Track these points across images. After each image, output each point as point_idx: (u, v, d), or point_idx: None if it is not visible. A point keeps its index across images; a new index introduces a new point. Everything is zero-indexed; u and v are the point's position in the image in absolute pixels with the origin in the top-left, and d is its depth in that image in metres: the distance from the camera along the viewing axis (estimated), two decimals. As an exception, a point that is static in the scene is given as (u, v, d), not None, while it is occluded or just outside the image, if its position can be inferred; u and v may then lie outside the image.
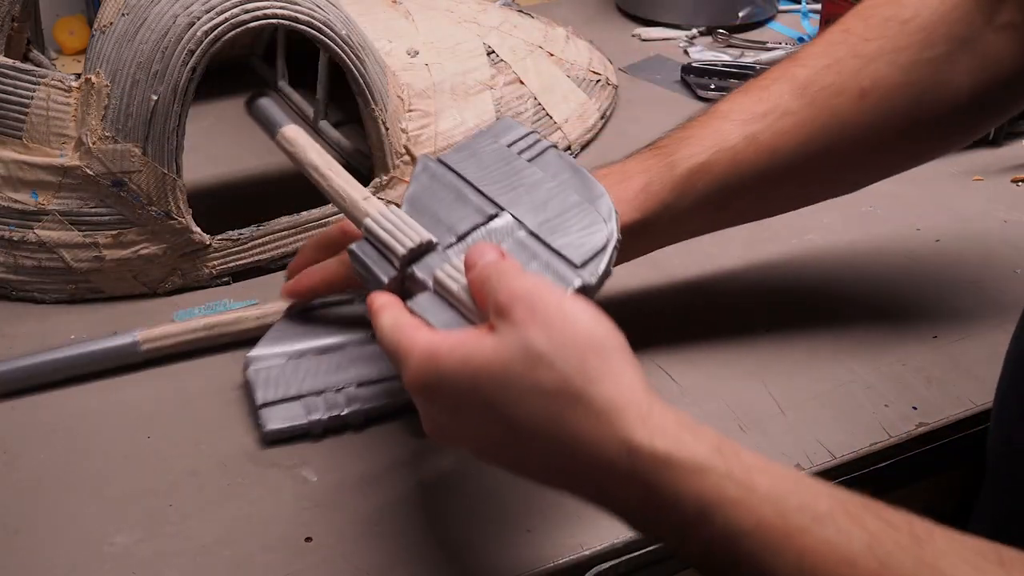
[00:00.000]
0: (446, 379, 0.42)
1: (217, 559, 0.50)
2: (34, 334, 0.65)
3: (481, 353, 0.41)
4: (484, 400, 0.41)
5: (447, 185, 0.56)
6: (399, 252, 0.51)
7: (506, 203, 0.54)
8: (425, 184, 0.56)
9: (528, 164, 0.56)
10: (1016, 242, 0.74)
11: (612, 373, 0.40)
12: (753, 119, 0.58)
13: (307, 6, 0.67)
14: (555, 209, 0.54)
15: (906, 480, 0.59)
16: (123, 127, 0.64)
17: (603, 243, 0.52)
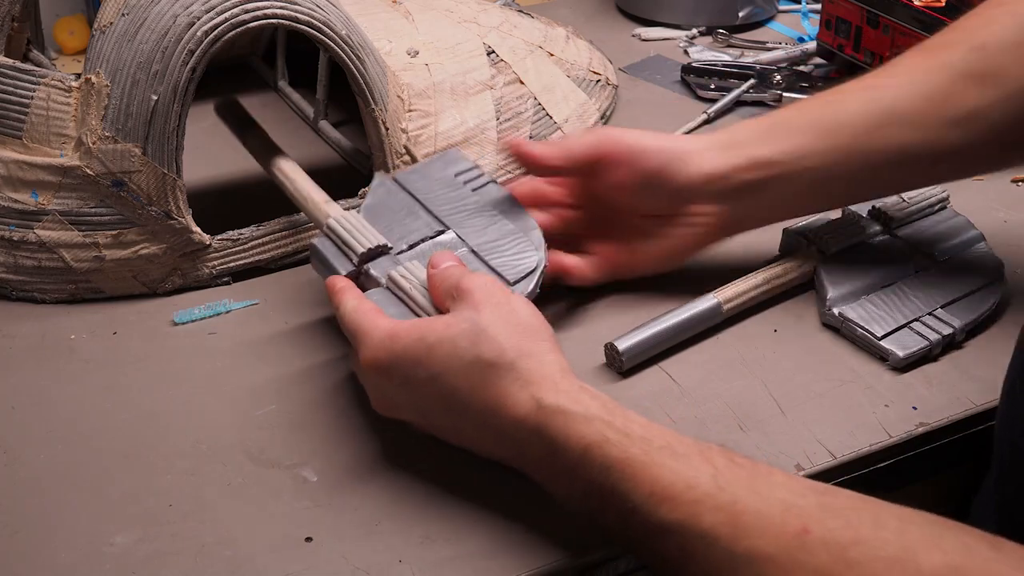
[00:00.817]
0: (402, 355, 0.51)
1: (217, 559, 0.50)
2: (34, 334, 0.65)
3: (434, 331, 0.51)
4: (432, 372, 0.50)
5: (400, 201, 0.64)
6: (358, 250, 0.59)
7: (452, 223, 0.63)
8: (381, 198, 0.65)
9: (472, 192, 0.65)
10: (1016, 242, 0.74)
11: (539, 353, 0.50)
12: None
13: (307, 6, 0.67)
14: (493, 234, 0.62)
15: (906, 480, 0.59)
16: (123, 127, 0.64)
17: (533, 266, 0.60)
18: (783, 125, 0.63)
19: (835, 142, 0.62)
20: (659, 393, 0.60)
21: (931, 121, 0.60)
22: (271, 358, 0.63)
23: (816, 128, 0.62)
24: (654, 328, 0.62)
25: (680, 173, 0.62)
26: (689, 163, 0.62)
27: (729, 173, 0.63)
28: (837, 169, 0.62)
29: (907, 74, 0.61)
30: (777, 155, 0.62)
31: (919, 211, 0.73)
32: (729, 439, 0.57)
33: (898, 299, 0.65)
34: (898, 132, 0.61)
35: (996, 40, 0.59)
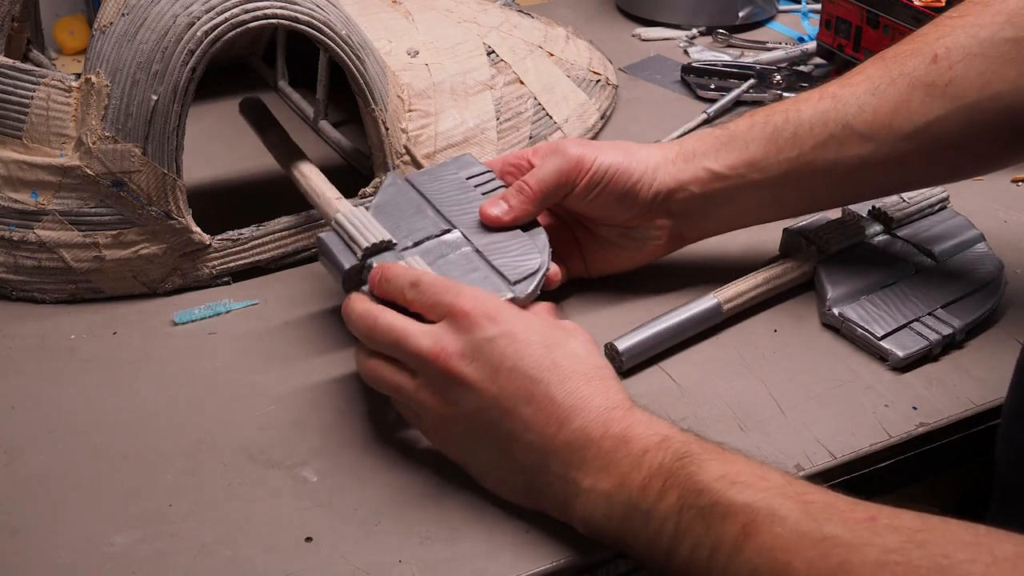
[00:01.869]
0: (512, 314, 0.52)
1: (217, 559, 0.50)
2: (34, 334, 0.65)
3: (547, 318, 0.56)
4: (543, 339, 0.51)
5: (410, 200, 0.65)
6: (362, 244, 0.59)
7: (458, 223, 0.63)
8: (391, 196, 0.65)
9: (482, 196, 0.65)
10: (1016, 242, 0.74)
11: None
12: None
13: (307, 6, 0.67)
14: (499, 236, 0.63)
15: (906, 480, 0.59)
16: (123, 127, 0.64)
17: (535, 268, 0.60)
18: (740, 138, 0.64)
19: (788, 154, 0.62)
20: (659, 393, 0.60)
21: (884, 134, 0.60)
22: (271, 358, 0.63)
23: (771, 140, 0.63)
24: (654, 328, 0.62)
25: (645, 189, 0.64)
26: (655, 177, 0.64)
27: (684, 185, 0.64)
28: (789, 181, 0.63)
29: (864, 84, 0.62)
30: (729, 168, 0.63)
31: (919, 211, 0.73)
32: (729, 439, 0.57)
33: (898, 299, 0.65)
34: (852, 145, 0.61)
35: (951, 52, 0.59)
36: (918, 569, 0.38)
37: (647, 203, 0.64)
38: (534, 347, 0.50)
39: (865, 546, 0.39)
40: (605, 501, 0.47)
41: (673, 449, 0.46)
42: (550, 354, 0.50)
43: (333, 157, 0.86)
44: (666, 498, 0.45)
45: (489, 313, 0.51)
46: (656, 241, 0.66)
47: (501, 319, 0.51)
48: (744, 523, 0.42)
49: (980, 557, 0.37)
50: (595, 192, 0.63)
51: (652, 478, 0.46)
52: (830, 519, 0.41)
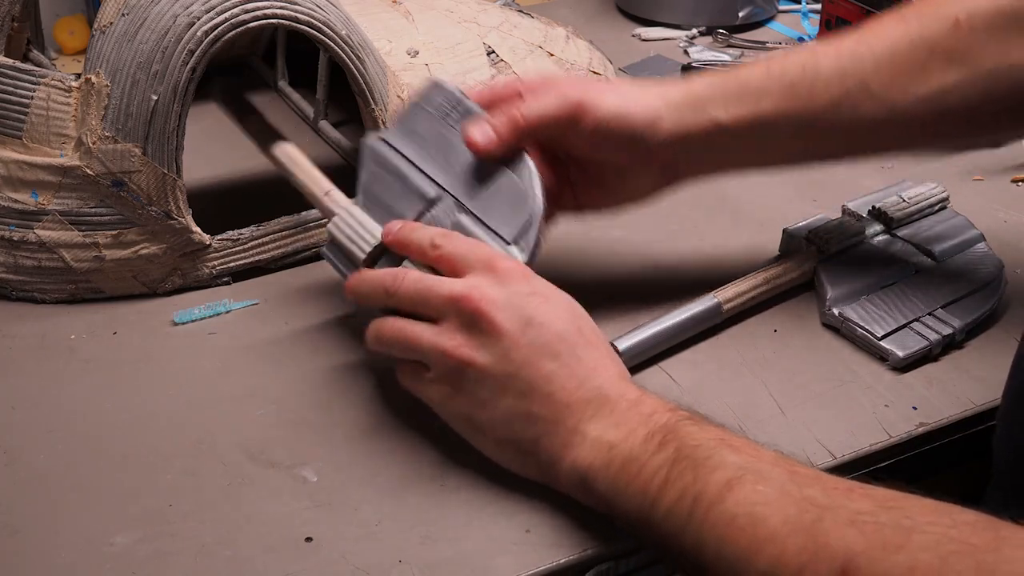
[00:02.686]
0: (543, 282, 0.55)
1: (217, 559, 0.50)
2: (34, 334, 0.65)
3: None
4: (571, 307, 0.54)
5: (392, 170, 0.61)
6: (359, 257, 0.59)
7: (444, 182, 0.60)
8: (374, 171, 0.62)
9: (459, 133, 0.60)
10: (1016, 242, 0.74)
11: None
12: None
13: (307, 6, 0.67)
14: (485, 182, 0.59)
15: (906, 480, 0.59)
16: (123, 127, 0.64)
17: (528, 217, 0.57)
18: (752, 88, 0.61)
19: (801, 111, 0.61)
20: (659, 393, 0.60)
21: (900, 97, 0.60)
22: (271, 358, 0.63)
23: (785, 96, 0.61)
24: (654, 328, 0.62)
25: (649, 138, 0.61)
26: (658, 128, 0.61)
27: (688, 136, 0.61)
28: (798, 136, 0.62)
29: (883, 43, 0.61)
30: (737, 122, 0.61)
31: (919, 211, 0.73)
32: (729, 439, 0.57)
33: (898, 299, 0.65)
34: (867, 105, 0.60)
35: (972, 18, 0.59)
36: (883, 526, 0.40)
37: (648, 152, 0.61)
38: (564, 311, 0.53)
39: (839, 507, 0.42)
40: (607, 451, 0.49)
41: (679, 414, 0.49)
42: (576, 322, 0.53)
43: (333, 157, 0.86)
44: (664, 450, 0.47)
45: (525, 273, 0.54)
46: (652, 183, 0.64)
47: (535, 281, 0.54)
48: (731, 477, 0.44)
49: (941, 520, 0.40)
50: (589, 138, 0.60)
51: (654, 433, 0.48)
52: (811, 485, 0.44)
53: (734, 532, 0.43)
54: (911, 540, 0.39)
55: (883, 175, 0.84)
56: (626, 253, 0.73)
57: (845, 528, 0.41)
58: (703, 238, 0.75)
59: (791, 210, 0.76)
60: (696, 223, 0.77)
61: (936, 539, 0.39)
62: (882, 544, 0.39)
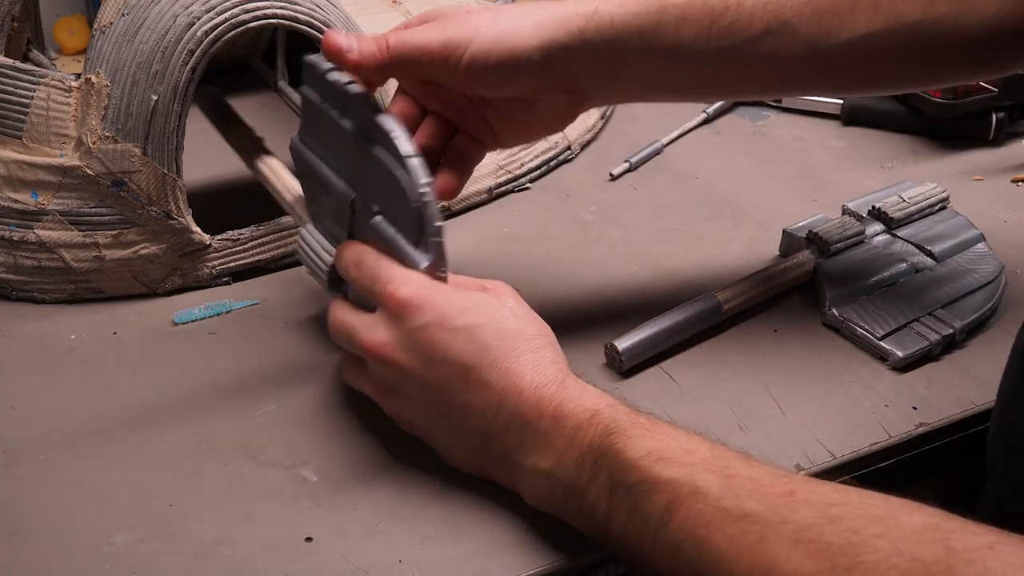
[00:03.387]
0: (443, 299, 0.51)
1: (217, 559, 0.50)
2: (34, 334, 0.65)
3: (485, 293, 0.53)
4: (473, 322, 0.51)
5: (313, 175, 0.59)
6: (323, 280, 0.59)
7: (355, 185, 0.56)
8: (304, 181, 0.61)
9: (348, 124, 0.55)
10: (1016, 242, 0.74)
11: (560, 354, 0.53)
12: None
13: (307, 6, 0.67)
14: (381, 178, 0.52)
15: (906, 480, 0.59)
16: (123, 127, 0.64)
17: (415, 214, 0.51)
18: (673, 13, 0.56)
19: (720, 44, 0.56)
20: (659, 393, 0.60)
21: (822, 39, 0.57)
22: (271, 358, 0.63)
23: (707, 24, 0.56)
24: (654, 328, 0.62)
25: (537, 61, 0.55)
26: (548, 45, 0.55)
27: (588, 54, 0.56)
28: (713, 68, 0.58)
29: None
30: (651, 48, 0.56)
31: (919, 211, 0.73)
32: (729, 439, 0.57)
33: (898, 299, 0.65)
34: (787, 44, 0.57)
35: None
36: (830, 546, 0.39)
37: (541, 76, 0.56)
38: (462, 333, 0.51)
39: (782, 523, 0.41)
40: (547, 480, 0.49)
41: (603, 425, 0.47)
42: (479, 336, 0.50)
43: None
44: (598, 477, 0.47)
45: (417, 301, 0.51)
46: (561, 107, 0.59)
47: (429, 304, 0.51)
48: (668, 500, 0.44)
49: (888, 531, 0.39)
50: (475, 77, 0.55)
51: (584, 456, 0.47)
52: (751, 494, 0.43)
53: (682, 560, 0.43)
54: (860, 561, 0.38)
55: (883, 175, 0.84)
56: (626, 253, 0.73)
57: (791, 550, 0.40)
58: (703, 238, 0.75)
59: (791, 210, 0.76)
60: (696, 223, 0.77)
61: (885, 557, 0.38)
62: (831, 567, 0.39)
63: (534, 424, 0.49)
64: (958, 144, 0.88)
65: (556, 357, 0.52)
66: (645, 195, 0.80)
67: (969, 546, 0.38)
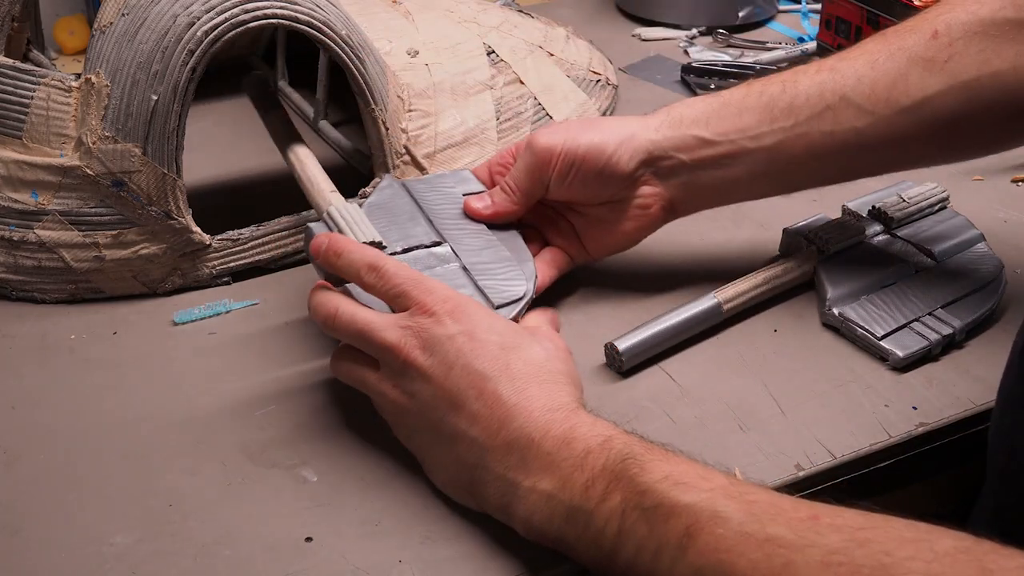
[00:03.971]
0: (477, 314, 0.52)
1: (217, 559, 0.50)
2: (34, 334, 0.65)
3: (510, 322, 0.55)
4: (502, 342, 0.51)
5: (404, 206, 0.65)
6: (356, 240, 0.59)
7: (450, 239, 0.63)
8: (387, 197, 0.66)
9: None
10: (1016, 242, 0.74)
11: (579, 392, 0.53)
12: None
13: (307, 6, 0.67)
14: (488, 257, 0.63)
15: (906, 480, 0.59)
16: (123, 127, 0.64)
17: (520, 295, 0.61)
18: (734, 105, 0.63)
19: (783, 124, 0.61)
20: (659, 393, 0.60)
21: (881, 108, 0.60)
22: (271, 358, 0.63)
23: (766, 109, 0.62)
24: (654, 328, 0.62)
25: (623, 160, 0.63)
26: (632, 146, 0.63)
27: (670, 152, 0.63)
28: (784, 151, 0.62)
29: (863, 57, 0.61)
30: (720, 135, 0.62)
31: (919, 211, 0.73)
32: (729, 439, 0.57)
33: (898, 299, 0.65)
34: (848, 118, 0.61)
35: (951, 28, 0.59)
36: (861, 568, 0.38)
37: (628, 174, 0.63)
38: (490, 347, 0.51)
39: (808, 547, 0.39)
40: (546, 502, 0.47)
41: (616, 450, 0.46)
42: (504, 356, 0.51)
43: (333, 157, 0.86)
44: (609, 499, 0.45)
45: (452, 311, 0.52)
46: (648, 212, 0.65)
47: (464, 318, 0.52)
48: (688, 524, 0.42)
49: (921, 554, 0.37)
50: (571, 177, 0.63)
51: (595, 479, 0.46)
52: (774, 519, 0.41)
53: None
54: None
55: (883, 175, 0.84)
56: (626, 253, 0.73)
57: (819, 573, 0.38)
58: (703, 238, 0.75)
59: (791, 210, 0.76)
60: (696, 223, 0.77)
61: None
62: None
63: (539, 443, 0.48)
64: (958, 144, 0.88)
65: (575, 393, 0.51)
66: (645, 195, 0.80)
67: (1005, 567, 0.36)
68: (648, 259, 0.72)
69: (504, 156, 0.67)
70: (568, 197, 0.65)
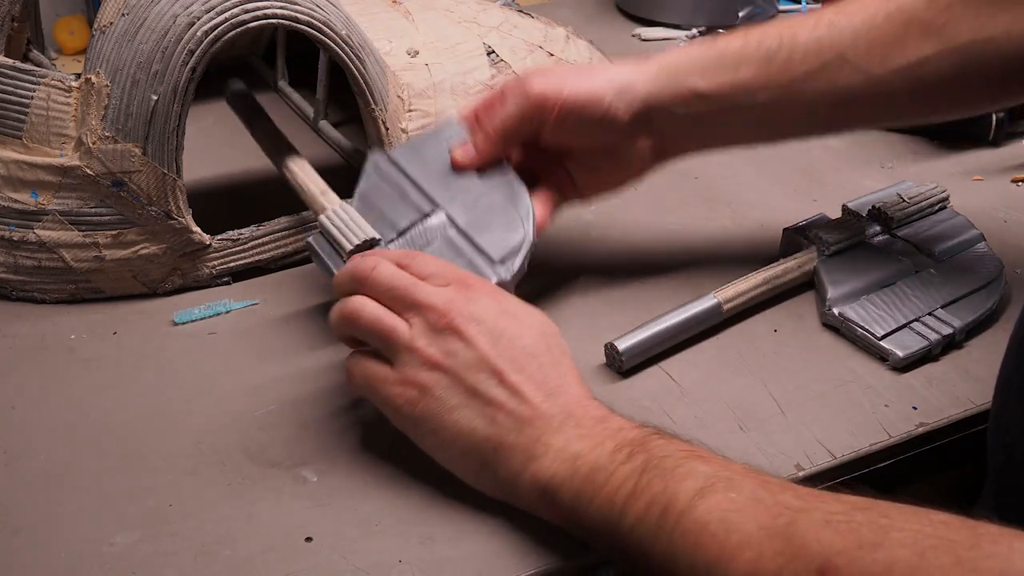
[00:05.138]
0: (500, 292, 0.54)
1: (217, 559, 0.50)
2: (34, 334, 0.65)
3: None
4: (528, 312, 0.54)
5: (392, 183, 0.64)
6: (346, 248, 0.60)
7: (442, 200, 0.62)
8: (374, 182, 0.65)
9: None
10: (1016, 242, 0.74)
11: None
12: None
13: (307, 6, 0.67)
14: (482, 207, 0.62)
15: (906, 480, 0.59)
16: (123, 127, 0.64)
17: (519, 243, 0.60)
18: (731, 56, 0.63)
19: (779, 80, 0.62)
20: (659, 393, 0.60)
21: (876, 67, 0.60)
22: (271, 358, 0.63)
23: (763, 64, 0.62)
24: (654, 328, 0.62)
25: (620, 111, 0.62)
26: (629, 97, 0.62)
27: (666, 105, 0.63)
28: (778, 106, 0.62)
29: (861, 15, 0.61)
30: (716, 90, 0.62)
31: (919, 211, 0.73)
32: (729, 439, 0.57)
33: (898, 299, 0.65)
34: (844, 75, 0.61)
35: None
36: (860, 526, 0.40)
37: (624, 124, 0.63)
38: (534, 329, 0.53)
39: (812, 509, 0.42)
40: (572, 461, 0.48)
41: (647, 431, 0.49)
42: (546, 340, 0.53)
43: (333, 157, 0.86)
44: (632, 461, 0.47)
45: (495, 292, 0.54)
46: (641, 159, 0.66)
47: (506, 300, 0.54)
48: (702, 486, 0.44)
49: (917, 518, 0.40)
50: (565, 125, 0.62)
51: (621, 447, 0.48)
52: (783, 492, 0.43)
53: (707, 539, 0.42)
54: (888, 537, 0.39)
55: (883, 175, 0.84)
56: (626, 253, 0.73)
57: (821, 529, 0.40)
58: (703, 238, 0.75)
59: (791, 210, 0.76)
60: (696, 223, 0.77)
61: (913, 536, 0.39)
62: (859, 543, 0.39)
63: (578, 417, 0.50)
64: (958, 144, 0.88)
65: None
66: (645, 195, 0.80)
67: (995, 531, 0.39)
68: (648, 259, 0.73)
69: (491, 99, 0.64)
70: (560, 143, 0.65)
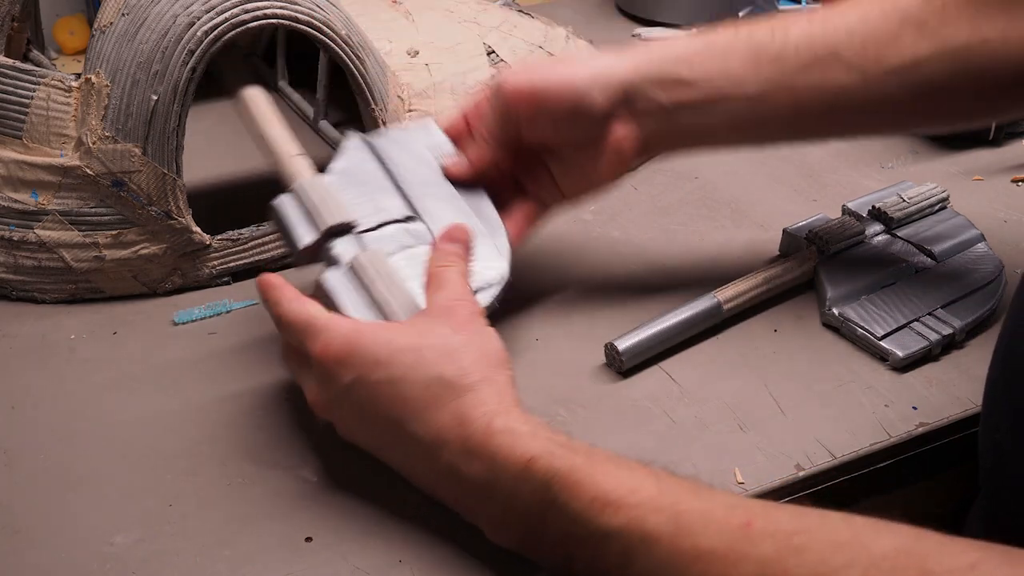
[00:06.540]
0: (364, 351, 0.49)
1: (217, 559, 0.50)
2: (34, 334, 0.65)
3: (404, 336, 0.50)
4: (391, 375, 0.49)
5: (373, 171, 0.62)
6: (326, 223, 0.57)
7: (422, 211, 0.60)
8: (354, 163, 0.62)
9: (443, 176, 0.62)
10: (1016, 242, 0.74)
11: (500, 383, 0.50)
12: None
13: (307, 6, 0.67)
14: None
15: (906, 480, 0.59)
16: (123, 127, 0.64)
17: (495, 279, 0.59)
18: (719, 46, 0.60)
19: (769, 73, 0.59)
20: (659, 393, 0.60)
21: (871, 66, 0.58)
22: (271, 358, 0.63)
23: (754, 55, 0.59)
24: (654, 328, 0.62)
25: (596, 97, 0.59)
26: (605, 82, 0.59)
27: (646, 91, 0.60)
28: (767, 101, 0.59)
29: (856, 12, 0.59)
30: (702, 77, 0.59)
31: (919, 211, 0.73)
32: (729, 439, 0.57)
33: (898, 299, 0.65)
34: (836, 73, 0.58)
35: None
36: None
37: (601, 111, 0.59)
38: (384, 387, 0.49)
39: (742, 560, 0.39)
40: (502, 526, 0.48)
41: (540, 480, 0.45)
42: (399, 390, 0.49)
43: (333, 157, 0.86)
44: (550, 531, 0.45)
45: (340, 357, 0.50)
46: (620, 152, 0.61)
47: (353, 361, 0.50)
48: (621, 551, 0.42)
49: (858, 559, 0.37)
50: (541, 117, 0.60)
51: (530, 510, 0.45)
52: (704, 530, 0.41)
53: None
54: None
55: (883, 175, 0.84)
56: (626, 253, 0.73)
57: None
58: (703, 238, 0.75)
59: (791, 210, 0.76)
60: (696, 223, 0.77)
61: None
62: None
63: (470, 477, 0.47)
64: (958, 144, 0.88)
65: (483, 397, 0.49)
66: (645, 195, 0.80)
67: (949, 568, 0.36)
68: (648, 259, 0.73)
69: (477, 101, 0.63)
70: (540, 138, 0.62)
